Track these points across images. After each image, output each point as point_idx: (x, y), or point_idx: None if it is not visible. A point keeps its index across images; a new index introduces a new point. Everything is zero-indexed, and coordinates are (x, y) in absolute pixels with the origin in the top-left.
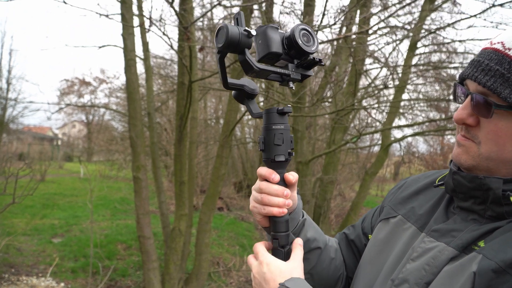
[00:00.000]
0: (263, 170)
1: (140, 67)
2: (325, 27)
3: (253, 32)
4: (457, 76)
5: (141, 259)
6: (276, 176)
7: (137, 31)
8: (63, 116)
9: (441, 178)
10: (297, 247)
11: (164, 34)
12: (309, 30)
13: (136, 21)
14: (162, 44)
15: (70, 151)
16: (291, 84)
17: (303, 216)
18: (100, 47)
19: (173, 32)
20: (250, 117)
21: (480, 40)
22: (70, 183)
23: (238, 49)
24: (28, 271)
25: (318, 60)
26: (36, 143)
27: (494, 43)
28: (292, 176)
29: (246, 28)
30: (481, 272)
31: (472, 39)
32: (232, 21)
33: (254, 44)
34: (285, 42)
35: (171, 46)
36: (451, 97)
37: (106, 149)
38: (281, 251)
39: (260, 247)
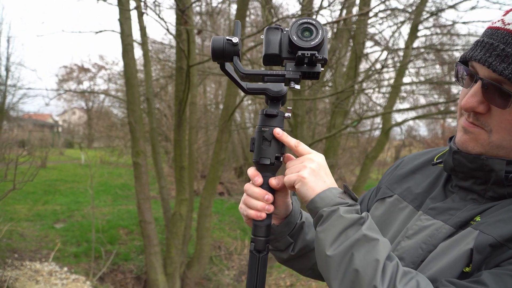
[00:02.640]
0: (250, 171)
1: (138, 52)
2: (325, 7)
3: (235, 40)
4: (460, 56)
5: (143, 244)
6: (259, 179)
7: (134, 16)
8: (63, 103)
9: (439, 156)
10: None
11: (160, 18)
12: (312, 22)
13: (133, 5)
14: (161, 29)
15: (70, 137)
16: (292, 84)
17: (301, 218)
18: (97, 33)
19: (171, 17)
20: (249, 101)
21: (484, 22)
22: (71, 169)
23: (226, 58)
24: (31, 256)
25: (309, 54)
26: (37, 130)
27: (508, 23)
28: (275, 181)
29: (228, 37)
30: (478, 248)
31: (475, 21)
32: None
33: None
34: (288, 41)
35: (168, 30)
36: (453, 78)
37: (106, 135)
38: (256, 256)
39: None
